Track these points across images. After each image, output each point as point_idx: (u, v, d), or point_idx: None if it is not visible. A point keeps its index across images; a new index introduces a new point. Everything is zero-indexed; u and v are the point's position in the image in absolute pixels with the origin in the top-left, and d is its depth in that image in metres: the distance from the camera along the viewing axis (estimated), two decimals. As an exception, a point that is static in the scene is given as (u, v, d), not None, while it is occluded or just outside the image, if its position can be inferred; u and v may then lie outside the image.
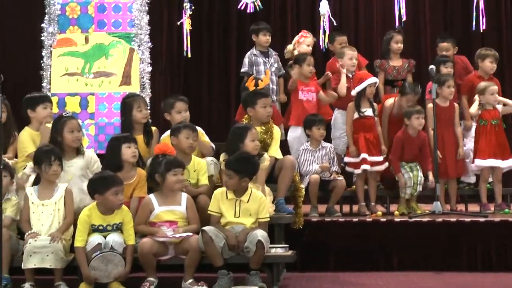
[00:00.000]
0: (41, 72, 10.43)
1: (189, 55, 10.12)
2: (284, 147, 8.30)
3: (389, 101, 8.91)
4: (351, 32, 10.63)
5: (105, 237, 6.45)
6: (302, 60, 8.83)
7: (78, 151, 7.09)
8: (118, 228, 6.50)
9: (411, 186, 8.34)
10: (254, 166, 6.78)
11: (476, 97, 8.70)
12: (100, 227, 6.48)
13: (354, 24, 10.92)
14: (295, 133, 8.73)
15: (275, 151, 7.56)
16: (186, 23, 10.02)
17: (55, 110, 10.34)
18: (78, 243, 6.41)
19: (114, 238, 6.41)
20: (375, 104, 8.62)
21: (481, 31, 10.00)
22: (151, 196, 6.68)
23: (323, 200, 8.37)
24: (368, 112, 8.50)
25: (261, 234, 6.39)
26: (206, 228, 6.42)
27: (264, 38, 9.26)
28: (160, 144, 7.07)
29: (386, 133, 8.75)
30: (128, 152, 6.87)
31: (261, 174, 7.07)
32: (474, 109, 8.71)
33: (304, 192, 7.63)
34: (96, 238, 6.41)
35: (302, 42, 9.25)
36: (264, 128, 7.54)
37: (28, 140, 7.31)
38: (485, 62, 9.01)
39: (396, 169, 8.34)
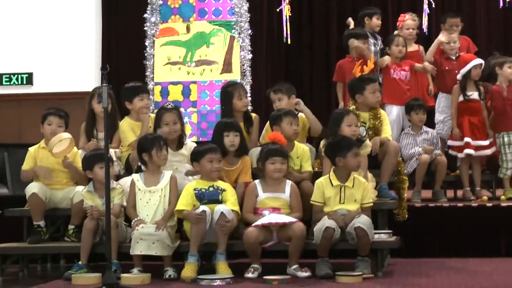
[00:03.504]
0: (145, 61, 10.64)
1: (289, 42, 10.13)
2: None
3: None
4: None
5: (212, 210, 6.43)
6: (390, 41, 8.86)
7: (181, 143, 7.18)
8: (220, 190, 6.55)
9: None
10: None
11: None
12: (203, 189, 6.53)
13: (456, 7, 10.69)
14: (391, 115, 8.62)
15: (387, 132, 7.52)
16: (286, 10, 10.04)
17: (158, 98, 10.57)
18: (179, 206, 6.53)
19: (221, 207, 6.42)
20: (481, 88, 8.45)
21: None
22: (256, 182, 6.71)
23: (424, 185, 8.28)
24: (474, 95, 8.38)
25: (361, 221, 6.32)
26: (328, 224, 6.34)
27: (377, 22, 9.23)
28: (274, 132, 7.02)
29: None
30: (226, 140, 6.90)
31: (364, 160, 7.02)
32: None
33: (407, 184, 7.51)
34: (202, 207, 6.42)
35: (402, 26, 9.14)
36: (372, 113, 7.50)
37: (128, 130, 7.40)
38: None
39: None
